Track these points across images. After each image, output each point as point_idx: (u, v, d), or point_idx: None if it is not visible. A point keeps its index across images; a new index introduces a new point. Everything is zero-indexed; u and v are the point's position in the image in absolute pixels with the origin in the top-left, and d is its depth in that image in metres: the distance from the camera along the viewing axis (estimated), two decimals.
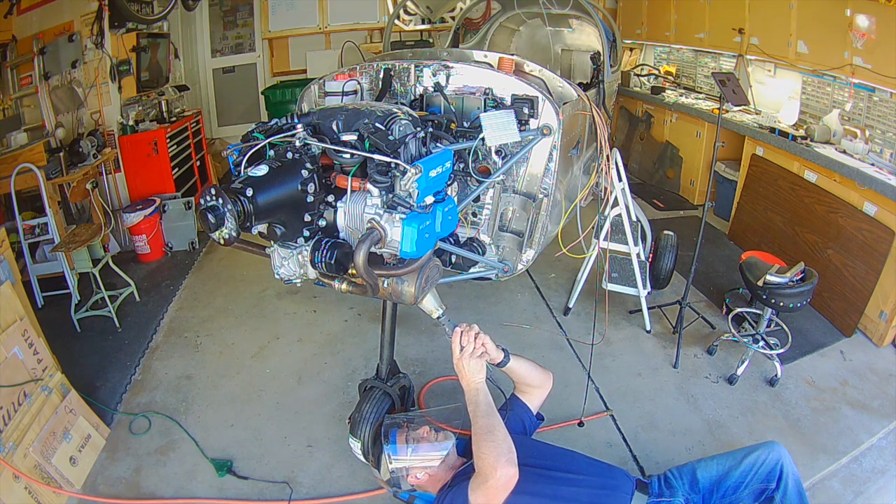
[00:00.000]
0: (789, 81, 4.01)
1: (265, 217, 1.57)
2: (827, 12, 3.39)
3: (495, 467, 1.47)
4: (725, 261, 3.87)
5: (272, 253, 1.80)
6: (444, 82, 2.25)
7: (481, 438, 1.53)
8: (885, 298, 2.89)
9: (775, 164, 3.75)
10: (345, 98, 2.39)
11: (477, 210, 2.21)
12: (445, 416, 2.04)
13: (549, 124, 2.12)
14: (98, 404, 2.59)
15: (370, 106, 1.83)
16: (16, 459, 1.99)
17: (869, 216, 2.99)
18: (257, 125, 1.74)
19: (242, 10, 6.12)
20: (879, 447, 2.33)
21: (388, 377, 2.20)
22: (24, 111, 3.94)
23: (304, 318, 3.35)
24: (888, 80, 3.05)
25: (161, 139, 4.43)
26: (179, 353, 3.06)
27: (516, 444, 1.54)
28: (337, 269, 1.63)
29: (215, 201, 1.42)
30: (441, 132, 1.93)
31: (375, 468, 2.03)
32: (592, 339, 2.74)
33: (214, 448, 2.41)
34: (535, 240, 2.29)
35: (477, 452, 1.53)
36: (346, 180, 1.66)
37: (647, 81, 5.57)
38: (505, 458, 1.48)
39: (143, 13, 4.50)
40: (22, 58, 3.89)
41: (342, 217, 1.71)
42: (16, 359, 2.12)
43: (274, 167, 1.58)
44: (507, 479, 1.47)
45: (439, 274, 1.85)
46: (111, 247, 4.09)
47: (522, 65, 2.61)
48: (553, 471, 1.69)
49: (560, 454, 1.83)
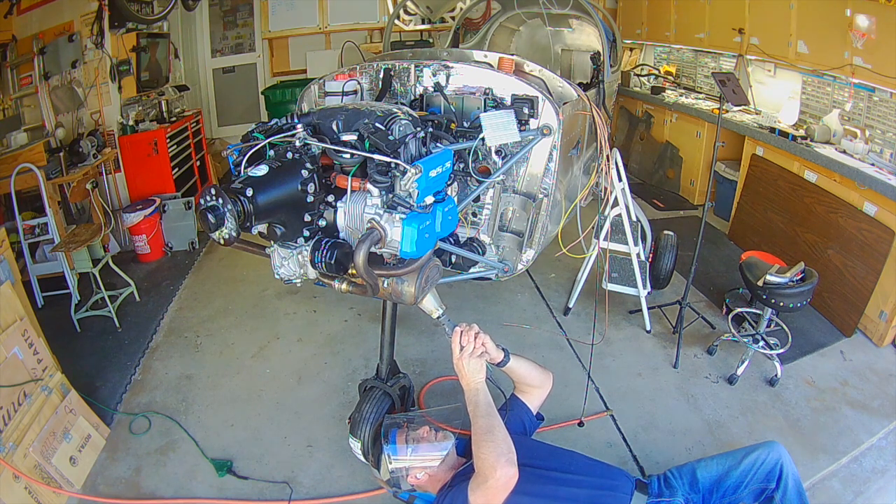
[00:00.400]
0: (789, 81, 4.01)
1: (265, 217, 1.57)
2: (827, 12, 3.39)
3: (495, 467, 1.47)
4: (725, 261, 3.87)
5: (272, 253, 1.80)
6: (444, 82, 2.24)
7: (481, 438, 1.53)
8: (885, 298, 2.89)
9: (775, 164, 3.74)
10: (345, 98, 2.39)
11: (477, 210, 2.21)
12: (445, 416, 2.05)
13: (549, 124, 2.12)
14: (98, 404, 2.59)
15: (370, 106, 1.82)
16: (16, 459, 1.99)
17: (869, 216, 2.99)
18: (257, 125, 1.74)
19: (242, 10, 6.12)
20: (879, 447, 2.33)
21: (388, 377, 2.21)
22: (24, 111, 3.94)
23: (304, 318, 3.35)
24: (888, 80, 3.05)
25: (161, 139, 4.43)
26: (179, 353, 3.06)
27: (516, 445, 1.54)
28: (337, 269, 1.63)
29: (215, 201, 1.42)
30: (441, 132, 1.93)
31: (375, 468, 2.03)
32: (592, 339, 2.74)
33: (214, 448, 2.41)
34: (535, 240, 2.29)
35: (477, 452, 1.53)
36: (346, 180, 1.66)
37: (647, 81, 5.57)
38: (505, 459, 1.48)
39: (143, 13, 4.50)
40: (22, 58, 3.89)
41: (342, 217, 1.71)
42: (16, 359, 2.12)
43: (274, 167, 1.58)
44: (507, 480, 1.47)
45: (439, 274, 1.85)
46: (111, 247, 4.09)
47: (522, 65, 2.61)
48: (552, 471, 1.69)
49: (560, 454, 1.83)
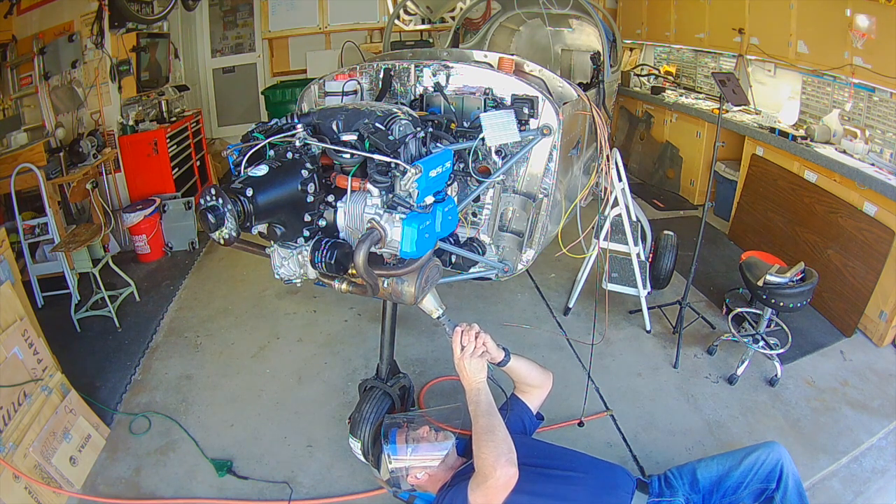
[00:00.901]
0: (789, 81, 4.01)
1: (265, 217, 1.57)
2: (827, 12, 3.38)
3: (495, 467, 1.47)
4: (725, 261, 3.87)
5: (272, 253, 1.80)
6: (444, 82, 2.24)
7: (481, 438, 1.53)
8: (885, 298, 2.89)
9: (775, 164, 3.74)
10: (345, 98, 2.39)
11: (477, 210, 2.21)
12: (445, 415, 2.04)
13: (549, 124, 2.12)
14: (98, 404, 2.59)
15: (370, 106, 1.82)
16: (16, 459, 1.99)
17: (869, 216, 2.99)
18: (257, 125, 1.74)
19: (242, 10, 6.12)
20: (879, 447, 2.33)
21: (388, 377, 2.21)
22: (24, 111, 3.94)
23: (304, 318, 3.34)
24: (888, 80, 3.05)
25: (161, 139, 4.43)
26: (179, 353, 3.06)
27: (516, 444, 1.54)
28: (337, 270, 1.63)
29: (215, 201, 1.42)
30: (441, 132, 1.93)
31: (375, 468, 2.03)
32: (592, 338, 2.74)
33: (214, 448, 2.41)
34: (535, 240, 2.29)
35: (477, 452, 1.53)
36: (346, 180, 1.66)
37: (647, 81, 5.57)
38: (505, 458, 1.48)
39: (143, 13, 4.51)
40: (22, 58, 3.89)
41: (342, 217, 1.71)
42: (16, 359, 2.12)
43: (274, 167, 1.58)
44: (507, 479, 1.47)
45: (439, 274, 1.85)
46: (111, 247, 4.09)
47: (522, 65, 2.61)
48: (553, 469, 1.69)
49: (560, 453, 1.83)
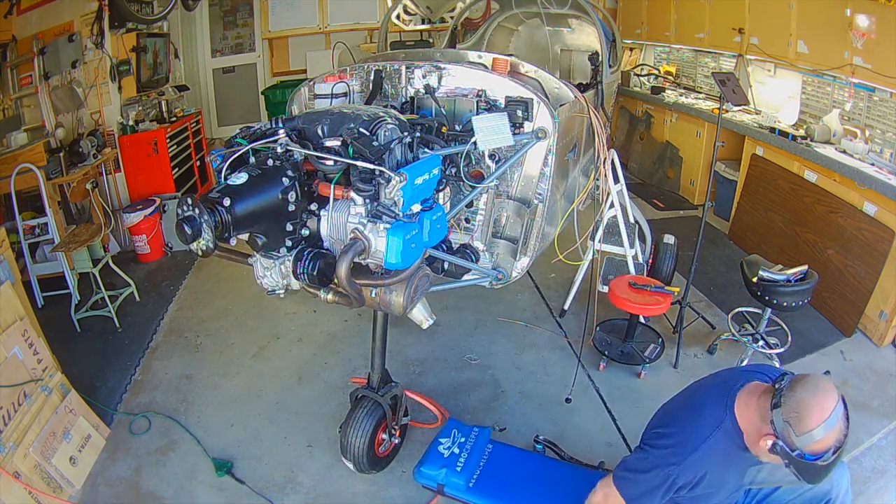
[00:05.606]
0: (789, 81, 4.01)
1: (244, 227, 1.51)
2: (827, 12, 3.38)
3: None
4: (725, 261, 3.86)
5: (254, 263, 1.73)
6: (436, 84, 2.14)
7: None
8: (885, 298, 2.89)
9: (775, 164, 3.74)
10: (334, 101, 2.27)
11: (470, 216, 2.14)
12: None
13: (545, 127, 2.04)
14: (98, 404, 2.59)
15: (356, 109, 1.75)
16: (16, 459, 1.99)
17: (869, 216, 2.98)
18: (241, 129, 1.69)
19: (242, 10, 6.13)
20: (879, 447, 2.33)
21: (379, 386, 2.17)
22: (24, 111, 3.93)
23: (304, 318, 3.34)
24: (888, 80, 3.04)
25: (161, 139, 4.43)
26: (179, 353, 3.06)
27: None
28: (320, 281, 1.57)
29: (192, 211, 1.37)
30: (431, 136, 1.86)
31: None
32: (583, 338, 2.82)
33: (214, 448, 2.41)
34: (529, 246, 2.22)
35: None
36: (329, 188, 1.60)
37: (647, 81, 5.57)
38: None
39: (143, 13, 4.50)
40: (22, 58, 3.88)
41: (325, 226, 1.65)
42: (16, 359, 2.12)
43: (254, 175, 1.51)
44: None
45: (429, 283, 1.81)
46: (111, 247, 4.09)
47: (518, 65, 2.52)
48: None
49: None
